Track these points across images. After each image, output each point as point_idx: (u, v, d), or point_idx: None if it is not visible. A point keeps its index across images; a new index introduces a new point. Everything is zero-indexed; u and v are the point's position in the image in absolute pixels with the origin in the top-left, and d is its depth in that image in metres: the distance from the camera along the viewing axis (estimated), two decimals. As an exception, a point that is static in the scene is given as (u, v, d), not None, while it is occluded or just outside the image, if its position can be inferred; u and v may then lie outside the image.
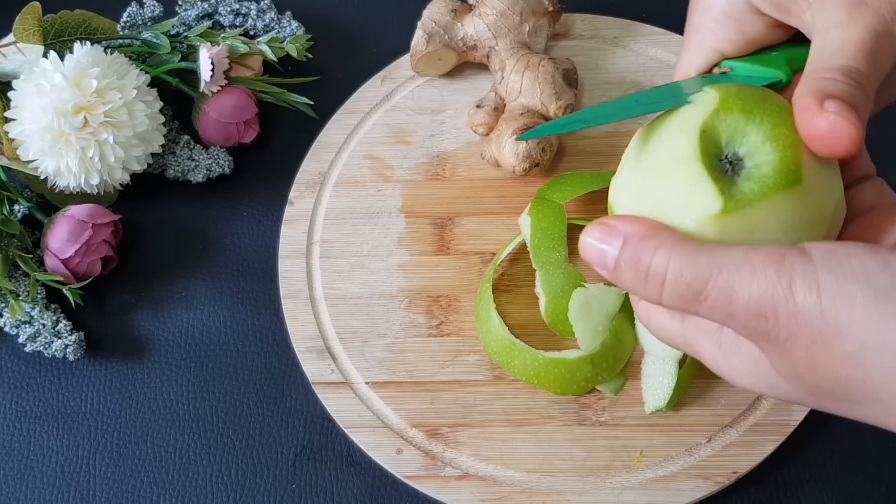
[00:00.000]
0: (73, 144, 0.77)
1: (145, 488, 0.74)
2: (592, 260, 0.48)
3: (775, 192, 0.45)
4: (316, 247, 0.82)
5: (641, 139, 0.51)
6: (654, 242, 0.45)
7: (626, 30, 0.91)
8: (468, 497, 0.71)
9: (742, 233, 0.45)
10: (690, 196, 0.46)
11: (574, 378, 0.72)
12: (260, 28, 0.94)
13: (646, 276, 0.45)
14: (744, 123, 0.47)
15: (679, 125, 0.48)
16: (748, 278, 0.41)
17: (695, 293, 0.43)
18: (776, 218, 0.45)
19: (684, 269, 0.43)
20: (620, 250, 0.46)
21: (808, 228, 0.46)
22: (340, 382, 0.76)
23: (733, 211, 0.45)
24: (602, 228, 0.47)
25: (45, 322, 0.78)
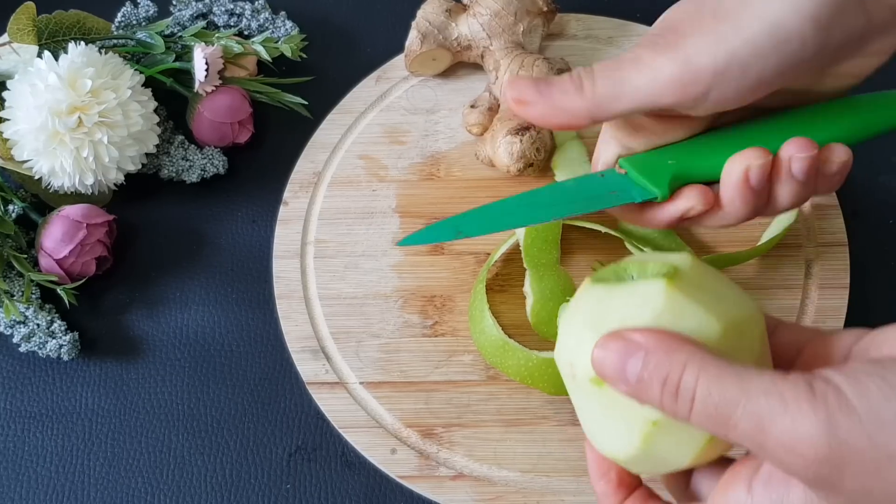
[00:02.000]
0: (67, 144, 0.77)
1: (140, 488, 0.74)
2: (609, 374, 0.45)
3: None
4: (310, 247, 0.82)
5: (594, 307, 0.50)
6: (682, 357, 0.43)
7: (620, 30, 0.91)
8: (462, 497, 0.71)
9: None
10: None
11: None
12: (254, 28, 0.94)
13: (676, 394, 0.43)
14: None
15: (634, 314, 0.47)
16: (780, 411, 0.40)
17: (724, 417, 0.42)
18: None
19: (713, 390, 0.42)
20: (643, 364, 0.44)
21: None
22: (335, 382, 0.76)
23: None
24: (619, 342, 0.45)
25: (39, 322, 0.78)
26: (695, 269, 0.49)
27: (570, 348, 0.49)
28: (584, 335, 0.48)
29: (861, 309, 0.77)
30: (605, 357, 0.45)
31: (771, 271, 0.78)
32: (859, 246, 0.80)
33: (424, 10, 0.86)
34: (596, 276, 0.51)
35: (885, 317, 0.77)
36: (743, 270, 0.78)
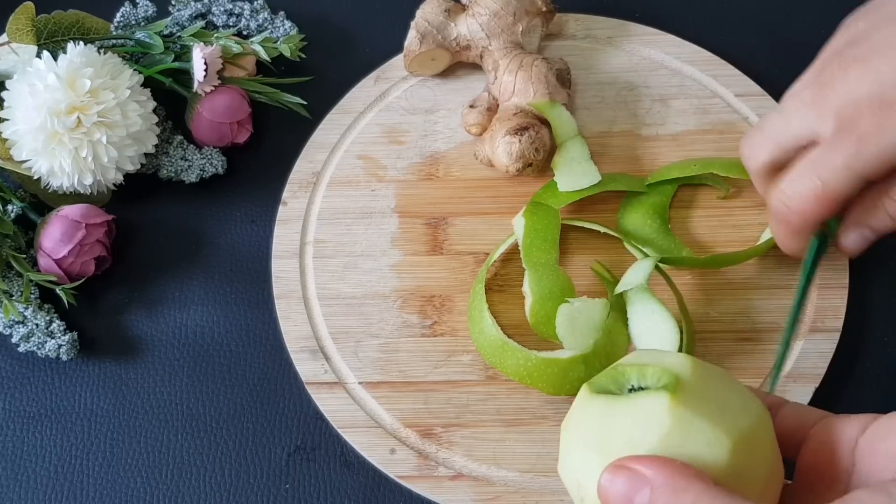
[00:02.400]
0: (66, 144, 0.77)
1: (139, 488, 0.74)
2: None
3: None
4: (309, 247, 0.82)
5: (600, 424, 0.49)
6: (688, 498, 0.43)
7: (618, 30, 0.91)
8: (461, 497, 0.71)
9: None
10: None
11: (567, 378, 0.71)
12: (253, 28, 0.94)
13: None
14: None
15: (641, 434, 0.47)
16: None
17: None
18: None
19: None
20: (650, 501, 0.44)
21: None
22: (334, 382, 0.76)
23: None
24: (626, 475, 0.45)
25: (38, 322, 0.78)
26: (696, 375, 0.49)
27: (576, 469, 0.49)
28: (591, 457, 0.48)
29: (860, 309, 0.77)
30: (612, 489, 0.45)
31: (770, 271, 0.78)
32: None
33: (423, 11, 0.86)
34: (594, 384, 0.51)
35: (884, 317, 0.78)
36: (743, 270, 0.78)
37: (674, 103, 0.87)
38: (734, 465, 0.45)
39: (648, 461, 0.44)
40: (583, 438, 0.49)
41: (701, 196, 0.82)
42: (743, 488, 0.45)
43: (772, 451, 0.48)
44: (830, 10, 0.95)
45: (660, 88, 0.88)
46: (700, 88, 0.87)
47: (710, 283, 0.78)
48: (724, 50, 0.89)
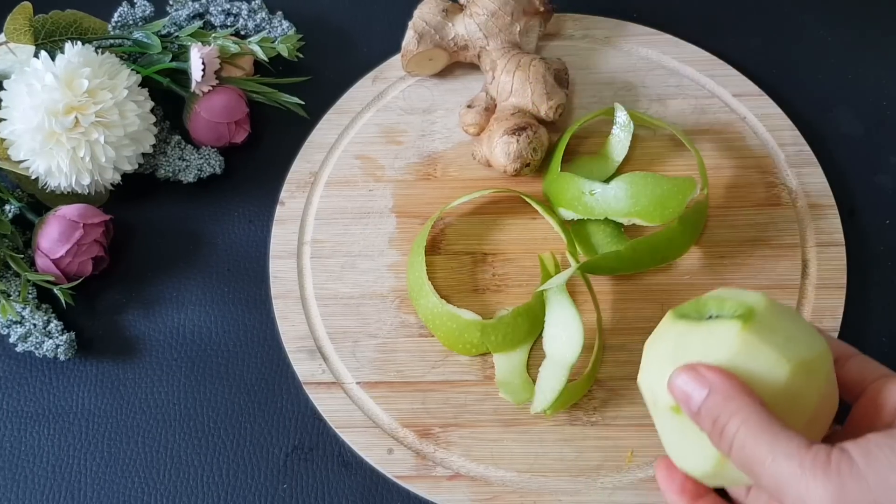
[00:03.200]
0: (64, 144, 0.77)
1: (136, 488, 0.74)
2: (678, 397, 0.52)
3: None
4: (307, 247, 0.82)
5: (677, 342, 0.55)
6: (734, 406, 0.50)
7: (617, 30, 0.91)
8: (459, 497, 0.71)
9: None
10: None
11: (461, 338, 0.75)
12: (251, 28, 0.94)
13: (720, 434, 0.50)
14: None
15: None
16: (797, 476, 0.47)
17: (751, 469, 0.49)
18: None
19: (747, 449, 0.49)
20: (704, 400, 0.51)
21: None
22: (331, 382, 0.76)
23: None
24: (691, 374, 0.52)
25: (36, 322, 0.78)
26: (769, 310, 0.54)
27: (652, 378, 0.56)
28: (666, 368, 0.54)
29: (858, 309, 0.77)
30: (677, 384, 0.52)
31: (768, 271, 0.78)
32: (856, 246, 0.80)
33: (421, 11, 0.86)
34: (678, 311, 0.57)
35: (882, 317, 0.77)
36: (739, 271, 0.78)
37: (672, 103, 0.87)
38: (789, 389, 0.51)
39: (714, 370, 0.51)
40: (661, 354, 0.56)
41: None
42: (793, 412, 0.51)
43: (826, 385, 0.53)
44: (829, 10, 0.95)
45: (658, 88, 0.88)
46: (698, 88, 0.87)
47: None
48: (722, 50, 0.90)
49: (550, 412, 0.71)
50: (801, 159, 0.83)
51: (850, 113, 0.88)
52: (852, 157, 0.85)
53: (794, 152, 0.84)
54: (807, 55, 0.92)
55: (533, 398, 0.71)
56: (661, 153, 0.84)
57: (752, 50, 0.92)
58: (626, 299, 0.78)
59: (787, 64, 0.91)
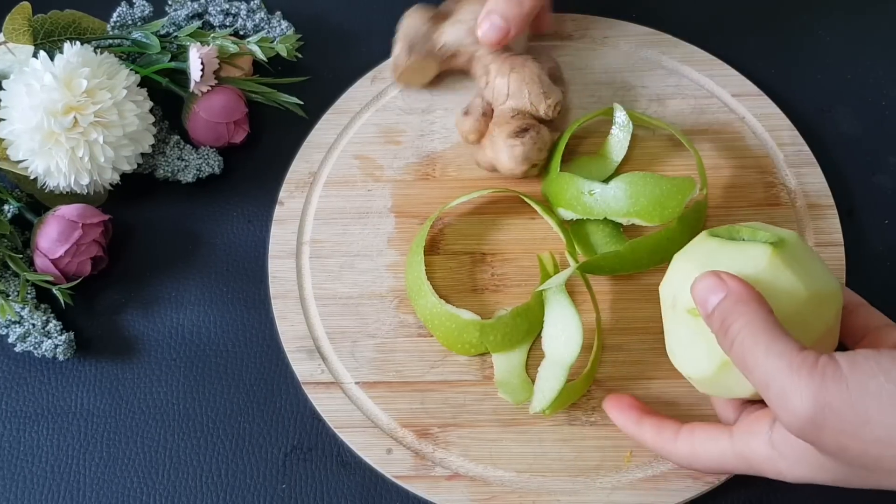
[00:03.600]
0: (62, 144, 0.77)
1: (135, 488, 0.74)
2: (697, 298, 0.57)
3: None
4: (306, 247, 0.82)
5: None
6: (743, 308, 0.54)
7: (615, 29, 0.91)
8: (458, 497, 0.71)
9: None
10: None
11: (460, 337, 0.75)
12: (250, 28, 0.94)
13: (725, 332, 0.55)
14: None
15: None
16: (785, 373, 0.51)
17: (745, 365, 0.53)
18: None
19: (746, 345, 0.53)
20: (720, 302, 0.55)
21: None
22: (330, 382, 0.76)
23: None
24: (714, 279, 0.56)
25: (34, 322, 0.78)
26: (797, 245, 0.60)
27: (677, 282, 0.62)
28: (692, 274, 0.59)
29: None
30: (699, 286, 0.57)
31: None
32: (855, 246, 0.80)
33: (408, 22, 0.85)
34: (711, 231, 0.63)
35: (881, 316, 0.77)
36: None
37: (670, 103, 0.87)
38: (800, 313, 0.57)
39: (734, 277, 0.56)
40: (689, 263, 0.61)
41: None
42: (799, 335, 0.54)
43: (833, 320, 0.59)
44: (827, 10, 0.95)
45: (656, 88, 0.88)
46: (697, 88, 0.87)
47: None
48: (721, 50, 0.90)
49: (549, 412, 0.71)
50: (799, 159, 0.83)
51: (849, 113, 0.88)
52: (851, 157, 0.85)
53: (792, 152, 0.84)
54: (806, 55, 0.92)
55: (532, 398, 0.71)
56: (659, 153, 0.84)
57: (751, 50, 0.92)
58: (626, 299, 0.78)
59: (786, 64, 0.91)
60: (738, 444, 0.60)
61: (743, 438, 0.60)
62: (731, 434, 0.61)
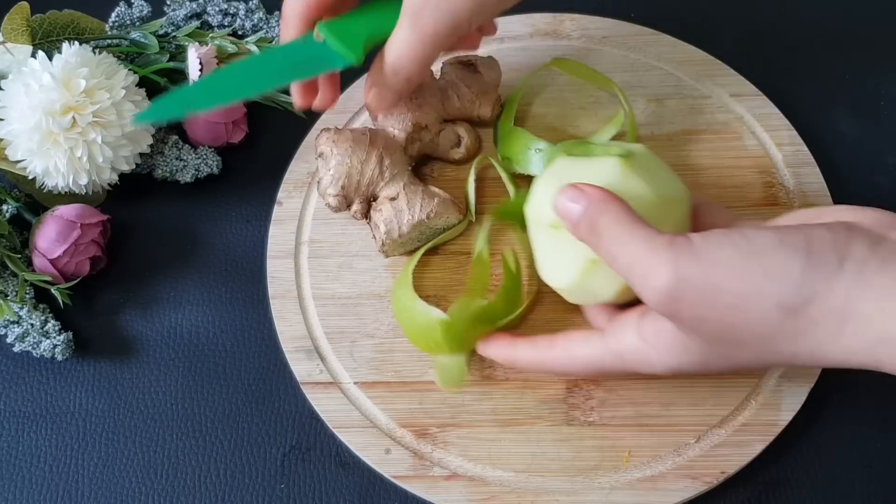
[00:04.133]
0: (61, 144, 0.77)
1: (134, 488, 0.74)
2: (561, 212, 0.60)
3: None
4: (304, 247, 0.82)
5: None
6: (604, 207, 0.58)
7: (614, 29, 0.91)
8: (457, 497, 0.71)
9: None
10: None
11: (425, 335, 0.74)
12: (248, 28, 0.94)
13: (593, 231, 0.58)
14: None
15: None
16: (646, 253, 0.55)
17: (610, 251, 0.57)
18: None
19: (612, 235, 0.57)
20: (583, 209, 0.59)
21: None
22: (329, 382, 0.76)
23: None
24: (574, 190, 0.59)
25: (33, 322, 0.78)
26: (646, 157, 0.66)
27: (537, 201, 0.66)
28: (550, 191, 0.63)
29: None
30: (560, 199, 0.60)
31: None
32: (853, 246, 0.80)
33: (326, 195, 0.79)
34: (566, 148, 0.69)
35: (879, 316, 0.77)
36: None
37: (669, 103, 0.87)
38: (651, 216, 0.58)
39: (592, 186, 0.60)
40: (548, 181, 0.66)
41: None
42: None
43: (682, 219, 0.64)
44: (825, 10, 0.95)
45: (655, 88, 0.88)
46: (695, 88, 0.87)
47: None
48: (720, 50, 0.90)
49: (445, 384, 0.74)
50: (798, 159, 0.83)
51: (848, 113, 0.88)
52: (850, 157, 0.85)
53: (791, 152, 0.84)
54: (804, 55, 0.92)
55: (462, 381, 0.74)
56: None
57: (750, 50, 0.92)
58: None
59: (785, 64, 0.91)
60: (610, 341, 0.63)
61: (614, 335, 0.63)
62: (604, 333, 0.64)
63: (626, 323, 0.63)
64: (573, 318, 0.75)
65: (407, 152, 0.80)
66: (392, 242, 0.77)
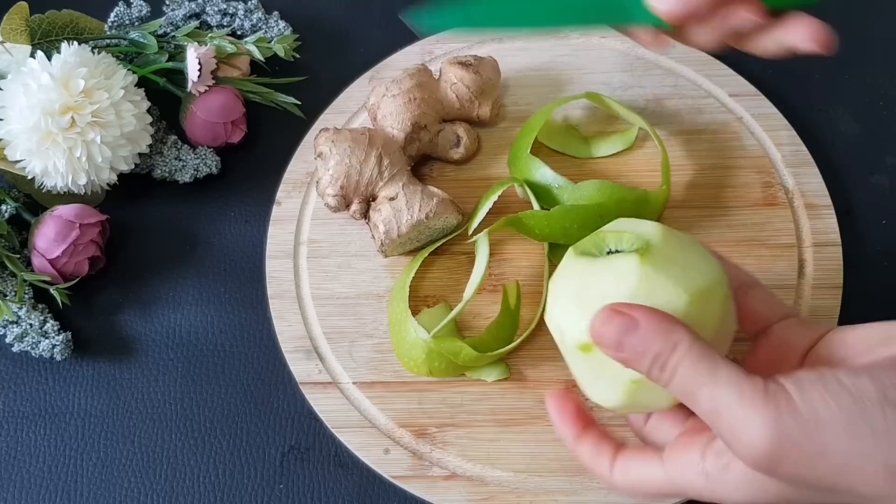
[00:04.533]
0: (60, 144, 0.77)
1: (133, 488, 0.74)
2: (606, 345, 0.52)
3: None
4: (303, 247, 0.82)
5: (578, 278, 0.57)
6: (674, 338, 0.51)
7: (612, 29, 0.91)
8: (456, 497, 0.71)
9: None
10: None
11: (410, 353, 0.74)
12: (247, 28, 0.94)
13: (662, 367, 0.51)
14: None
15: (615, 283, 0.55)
16: (737, 402, 0.49)
17: (692, 395, 0.50)
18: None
19: (687, 377, 0.50)
20: (640, 340, 0.51)
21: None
22: (328, 382, 0.76)
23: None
24: (620, 319, 0.51)
25: (32, 322, 0.78)
26: (665, 241, 0.56)
27: (557, 317, 0.57)
28: (571, 306, 0.56)
29: (854, 309, 0.77)
30: (605, 330, 0.52)
31: (764, 271, 0.78)
32: (852, 246, 0.80)
33: (325, 194, 0.79)
34: (578, 247, 0.59)
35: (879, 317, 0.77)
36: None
37: (668, 103, 0.87)
38: (688, 317, 0.53)
39: (638, 308, 0.52)
40: (564, 292, 0.57)
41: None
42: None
43: (722, 310, 0.56)
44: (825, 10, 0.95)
45: (654, 88, 0.88)
46: (694, 88, 0.87)
47: None
48: (718, 50, 0.90)
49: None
50: (797, 159, 0.83)
51: (847, 113, 0.88)
52: (848, 157, 0.85)
53: (790, 152, 0.84)
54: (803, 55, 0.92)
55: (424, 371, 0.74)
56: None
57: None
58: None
59: (784, 64, 0.91)
60: (671, 473, 0.56)
61: (675, 469, 0.56)
62: (663, 462, 0.57)
63: (688, 458, 0.55)
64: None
65: (406, 152, 0.80)
66: (391, 242, 0.77)
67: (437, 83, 0.83)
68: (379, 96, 0.81)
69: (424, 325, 0.73)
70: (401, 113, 0.80)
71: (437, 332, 0.72)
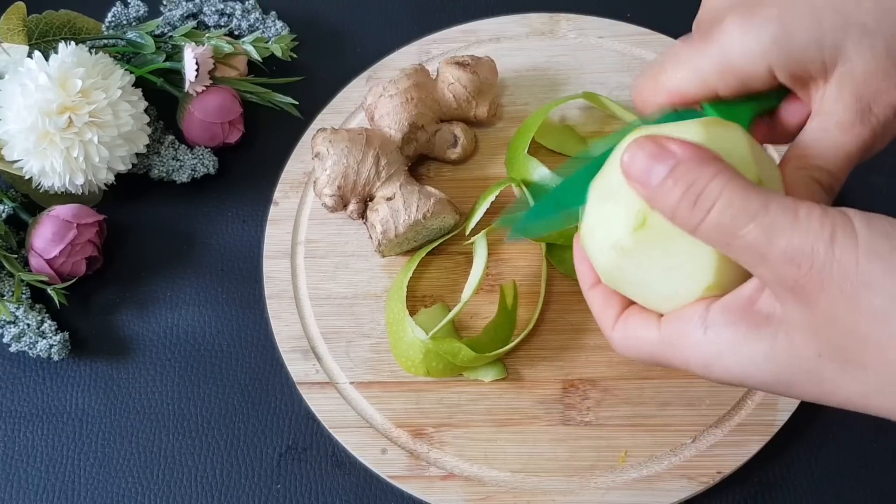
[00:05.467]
0: (57, 144, 0.77)
1: (130, 488, 0.74)
2: (635, 174, 0.47)
3: None
4: (301, 247, 0.82)
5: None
6: (712, 169, 0.45)
7: (610, 29, 0.91)
8: (453, 497, 0.71)
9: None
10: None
11: (408, 353, 0.74)
12: (245, 28, 0.94)
13: (696, 200, 0.45)
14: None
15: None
16: (791, 225, 0.43)
17: (736, 227, 0.44)
18: None
19: (735, 200, 0.44)
20: (671, 170, 0.45)
21: None
22: (325, 382, 0.76)
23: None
24: (655, 146, 0.46)
25: (29, 322, 0.78)
26: (738, 129, 0.51)
27: (595, 227, 0.53)
28: (604, 207, 0.51)
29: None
30: (636, 157, 0.46)
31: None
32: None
33: (323, 195, 0.79)
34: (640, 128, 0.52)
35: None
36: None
37: (665, 103, 0.87)
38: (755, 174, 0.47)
39: (678, 141, 0.46)
40: (593, 203, 0.53)
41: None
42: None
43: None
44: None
45: (651, 88, 0.88)
46: (691, 88, 0.87)
47: None
48: (716, 50, 0.90)
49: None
50: (794, 159, 0.83)
51: (844, 113, 0.88)
52: (846, 157, 0.85)
53: (787, 152, 0.84)
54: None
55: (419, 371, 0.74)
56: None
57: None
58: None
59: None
60: (666, 331, 0.51)
61: (672, 326, 0.50)
62: (660, 323, 0.51)
63: (689, 313, 0.50)
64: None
65: (403, 152, 0.80)
66: (388, 242, 0.77)
67: (435, 83, 0.83)
68: (376, 96, 0.81)
69: (422, 326, 0.73)
70: (398, 113, 0.80)
71: (435, 333, 0.72)
